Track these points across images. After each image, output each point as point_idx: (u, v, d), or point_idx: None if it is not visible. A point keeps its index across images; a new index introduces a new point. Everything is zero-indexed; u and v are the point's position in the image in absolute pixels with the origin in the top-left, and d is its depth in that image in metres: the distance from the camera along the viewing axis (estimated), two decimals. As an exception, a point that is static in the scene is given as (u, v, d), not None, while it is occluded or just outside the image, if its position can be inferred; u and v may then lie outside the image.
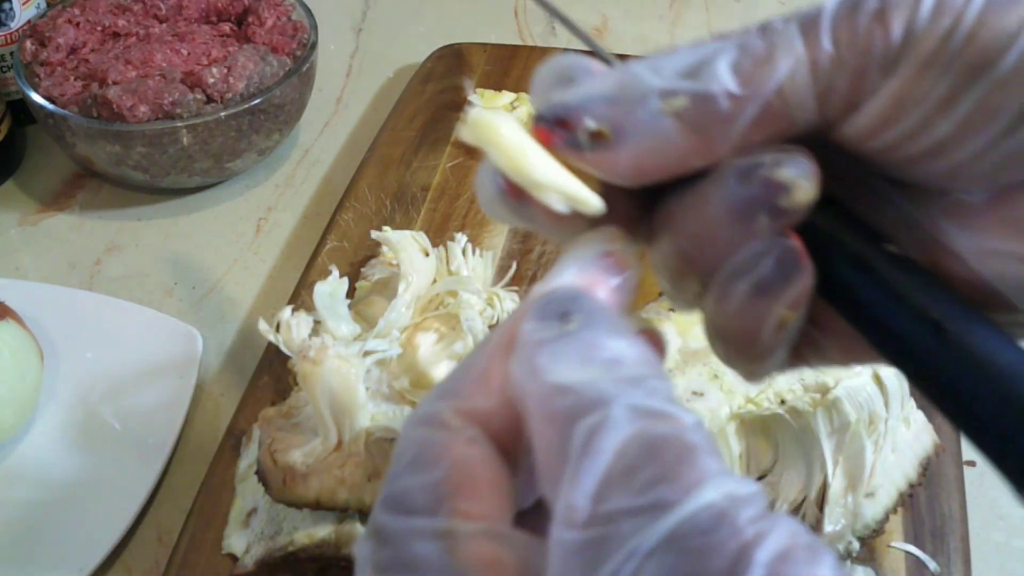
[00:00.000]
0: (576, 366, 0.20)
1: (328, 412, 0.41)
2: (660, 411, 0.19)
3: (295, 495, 0.41)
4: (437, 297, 0.48)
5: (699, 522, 0.18)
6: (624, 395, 0.20)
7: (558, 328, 0.21)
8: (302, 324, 0.43)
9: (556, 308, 0.22)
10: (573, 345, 0.21)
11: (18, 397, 0.51)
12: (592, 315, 0.22)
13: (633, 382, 0.20)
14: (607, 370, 0.20)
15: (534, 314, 0.22)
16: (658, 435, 0.19)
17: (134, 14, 0.71)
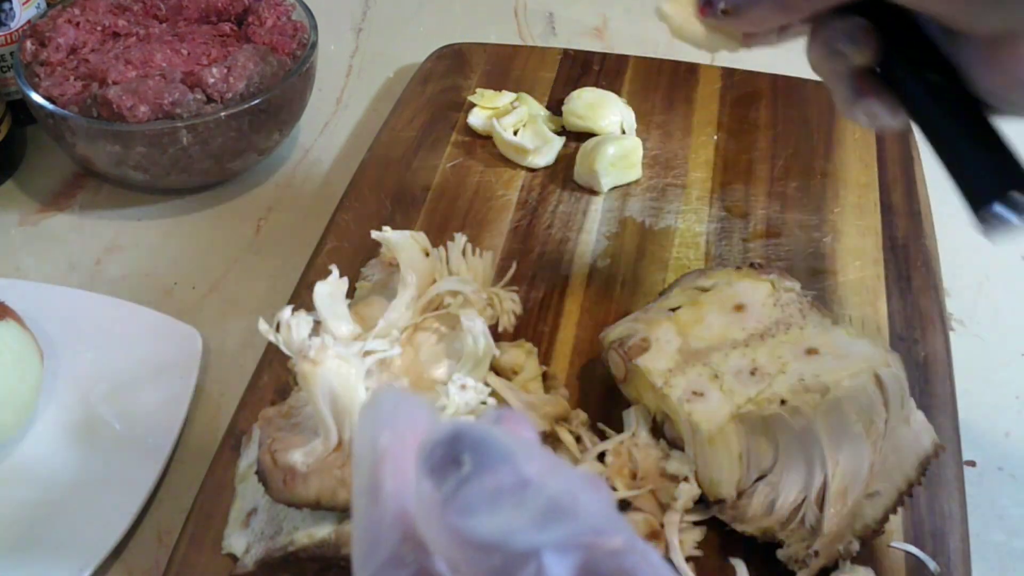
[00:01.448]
0: (487, 514, 0.19)
1: (328, 412, 0.41)
2: (587, 543, 0.19)
3: (295, 495, 0.41)
4: (437, 297, 0.48)
5: None
6: (546, 532, 0.19)
7: (455, 477, 0.20)
8: (302, 324, 0.43)
9: (444, 455, 0.20)
10: (475, 491, 0.20)
11: (18, 397, 0.51)
12: (480, 446, 0.20)
13: (551, 512, 0.19)
14: (518, 504, 0.19)
15: (425, 470, 0.20)
16: (601, 567, 0.19)
17: (134, 14, 0.71)
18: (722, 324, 0.48)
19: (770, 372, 0.45)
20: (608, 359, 0.51)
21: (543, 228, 0.63)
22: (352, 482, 0.23)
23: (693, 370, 0.46)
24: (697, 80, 0.75)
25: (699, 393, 0.45)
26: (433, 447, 0.21)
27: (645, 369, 0.47)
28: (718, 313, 0.48)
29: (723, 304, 0.49)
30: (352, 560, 0.22)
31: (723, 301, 0.49)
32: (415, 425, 0.22)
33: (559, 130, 0.70)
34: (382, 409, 0.23)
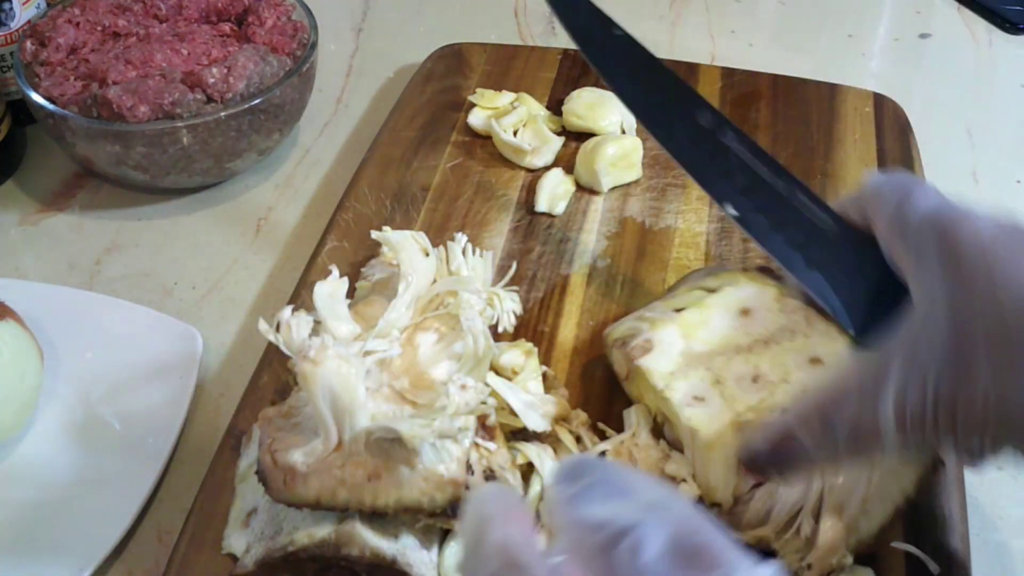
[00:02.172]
0: (600, 504, 0.26)
1: (328, 412, 0.41)
2: (676, 522, 0.25)
3: (295, 495, 0.41)
4: (437, 297, 0.48)
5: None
6: (649, 516, 0.25)
7: (578, 483, 0.27)
8: (302, 324, 0.43)
9: (573, 472, 0.27)
10: (594, 490, 0.26)
11: (18, 397, 0.51)
12: (600, 467, 0.27)
13: (651, 504, 0.25)
14: (627, 499, 0.26)
15: (559, 480, 0.27)
16: (689, 541, 0.24)
17: (134, 14, 0.71)
18: (727, 328, 0.47)
19: (772, 380, 0.45)
20: (611, 357, 0.50)
21: (543, 228, 0.63)
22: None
23: (695, 374, 0.46)
24: (697, 80, 0.75)
25: (700, 398, 0.45)
26: (568, 463, 0.28)
27: (647, 370, 0.47)
28: (723, 316, 0.48)
29: (729, 307, 0.48)
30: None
31: (729, 304, 0.49)
32: (511, 502, 0.29)
33: (559, 130, 0.70)
34: (486, 497, 0.29)
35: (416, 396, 0.44)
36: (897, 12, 0.93)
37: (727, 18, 0.91)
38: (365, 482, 0.40)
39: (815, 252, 0.46)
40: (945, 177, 0.70)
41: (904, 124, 0.71)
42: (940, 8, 0.93)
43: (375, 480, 0.40)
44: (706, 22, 0.90)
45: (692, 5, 0.92)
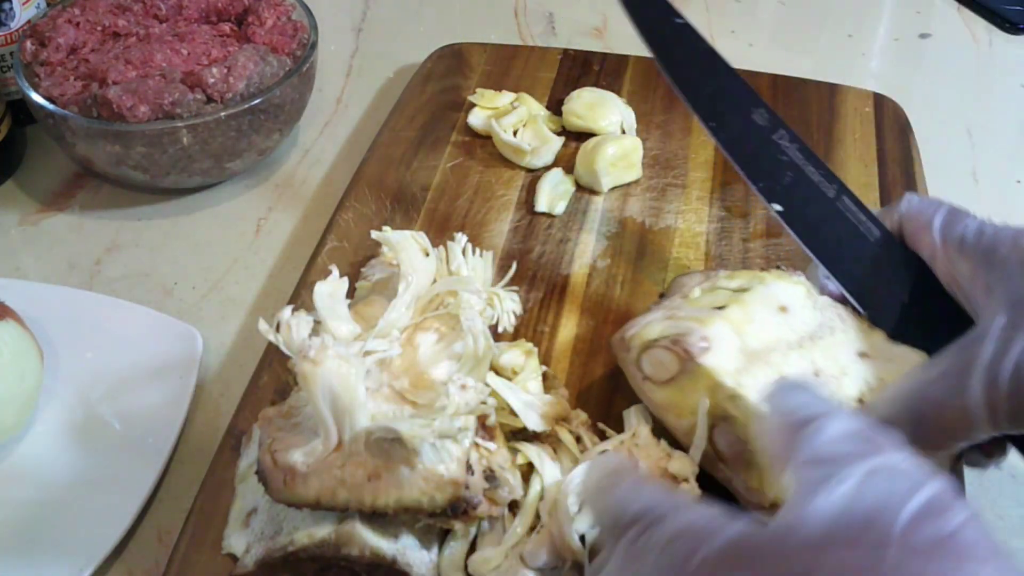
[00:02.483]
0: (796, 395, 0.33)
1: (328, 412, 0.41)
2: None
3: (295, 495, 0.41)
4: (437, 297, 0.48)
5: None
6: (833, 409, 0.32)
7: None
8: (302, 324, 0.43)
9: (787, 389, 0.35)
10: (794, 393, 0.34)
11: (18, 397, 0.51)
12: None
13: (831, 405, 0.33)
14: (817, 396, 0.33)
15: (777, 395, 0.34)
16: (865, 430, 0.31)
17: (134, 14, 0.71)
18: (772, 325, 0.46)
19: (834, 374, 0.45)
20: (634, 360, 0.48)
21: (543, 228, 0.63)
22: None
23: (760, 371, 0.44)
24: (697, 80, 0.75)
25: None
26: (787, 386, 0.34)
27: (713, 369, 0.44)
28: (765, 313, 0.47)
29: (767, 304, 0.47)
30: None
31: (767, 301, 0.47)
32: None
33: (559, 130, 0.70)
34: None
35: (416, 396, 0.44)
36: (897, 12, 0.93)
37: (727, 18, 0.91)
38: (365, 482, 0.40)
39: (855, 254, 0.47)
40: (945, 177, 0.70)
41: (904, 124, 0.71)
42: (940, 8, 0.93)
43: (375, 480, 0.40)
44: (706, 22, 0.90)
45: (692, 5, 0.92)
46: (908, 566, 0.25)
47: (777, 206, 0.48)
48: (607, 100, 0.70)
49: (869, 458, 0.29)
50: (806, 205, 0.48)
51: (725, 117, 0.50)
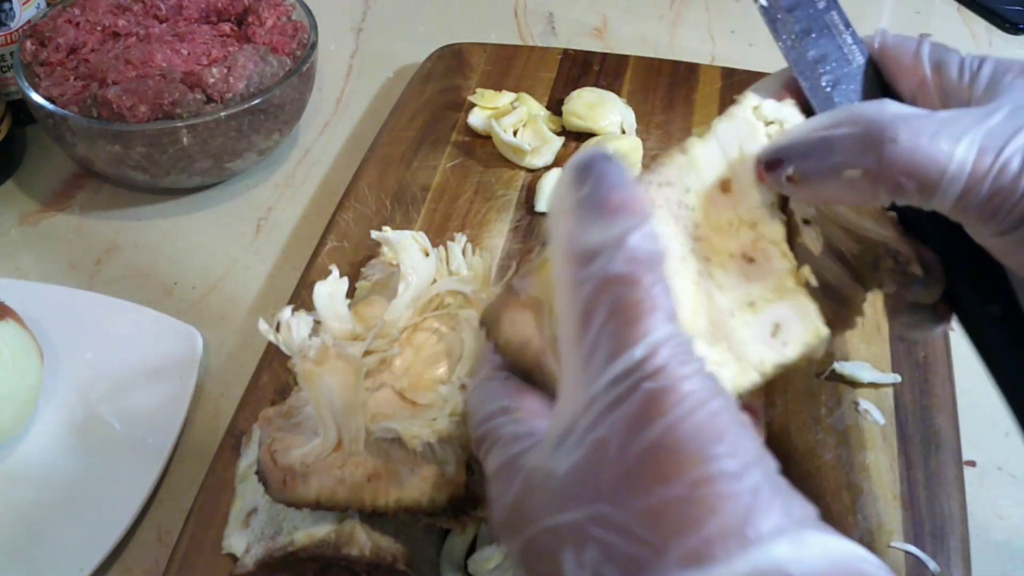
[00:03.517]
0: (589, 218, 0.27)
1: (328, 412, 0.41)
2: (634, 269, 0.26)
3: (295, 495, 0.41)
4: (437, 297, 0.48)
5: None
6: (620, 243, 0.26)
7: (577, 189, 0.27)
8: (302, 324, 0.43)
9: (576, 176, 0.28)
10: (587, 202, 0.27)
11: (18, 397, 0.51)
12: (600, 176, 0.27)
13: (628, 226, 0.26)
14: (609, 220, 0.26)
15: (563, 181, 0.28)
16: (625, 294, 0.26)
17: (134, 14, 0.71)
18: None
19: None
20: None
21: (543, 228, 0.63)
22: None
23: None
24: (697, 80, 0.75)
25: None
26: (575, 162, 0.28)
27: None
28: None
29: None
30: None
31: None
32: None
33: (559, 130, 0.70)
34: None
35: (416, 396, 0.44)
36: (897, 12, 0.93)
37: (727, 18, 0.91)
38: (365, 482, 0.40)
39: (833, 73, 0.42)
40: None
41: (904, 124, 0.71)
42: (940, 8, 0.93)
43: (375, 480, 0.40)
44: (706, 22, 0.90)
45: (692, 5, 0.92)
46: (619, 499, 0.24)
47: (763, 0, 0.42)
48: (607, 100, 0.70)
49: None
50: (793, 7, 0.43)
51: None
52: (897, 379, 0.53)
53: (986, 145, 0.30)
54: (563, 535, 0.25)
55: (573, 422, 0.26)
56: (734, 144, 0.35)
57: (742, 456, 0.24)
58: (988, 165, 0.30)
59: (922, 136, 0.31)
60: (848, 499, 0.48)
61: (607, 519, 0.24)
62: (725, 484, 0.24)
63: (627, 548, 0.24)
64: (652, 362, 0.25)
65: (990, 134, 0.31)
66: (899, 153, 0.31)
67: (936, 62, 0.37)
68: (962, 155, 0.30)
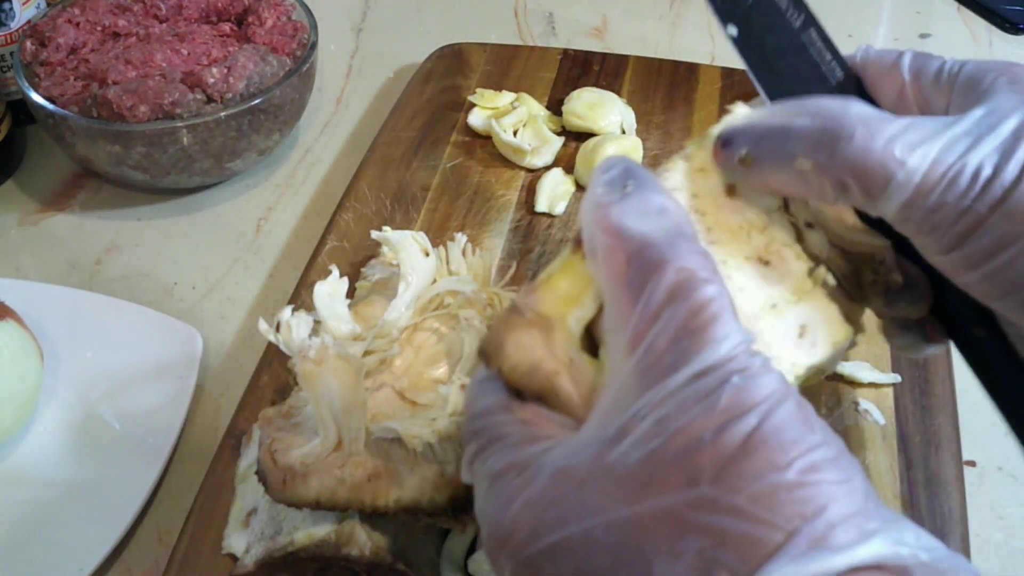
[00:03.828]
0: (637, 218, 0.29)
1: (328, 412, 0.41)
2: (696, 272, 0.27)
3: (295, 495, 0.41)
4: (437, 297, 0.48)
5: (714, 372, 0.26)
6: (672, 254, 0.27)
7: (620, 192, 0.29)
8: (302, 324, 0.43)
9: (618, 178, 0.30)
10: (633, 202, 0.29)
11: (18, 397, 0.51)
12: (642, 180, 0.30)
13: (678, 233, 0.28)
14: (658, 220, 0.28)
15: (602, 182, 0.30)
16: (694, 294, 0.27)
17: (134, 14, 0.71)
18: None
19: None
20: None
21: (543, 228, 0.63)
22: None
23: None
24: (697, 80, 0.75)
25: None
26: (611, 166, 0.31)
27: None
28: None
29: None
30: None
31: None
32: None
33: (559, 130, 0.70)
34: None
35: (416, 396, 0.44)
36: (897, 12, 0.93)
37: (727, 18, 0.91)
38: (365, 482, 0.40)
39: (809, 93, 0.39)
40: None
41: (904, 124, 0.71)
42: (940, 8, 0.93)
43: (375, 480, 0.40)
44: (706, 22, 0.90)
45: (692, 5, 0.92)
46: (725, 484, 0.25)
47: (732, 28, 0.40)
48: (607, 100, 0.70)
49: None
50: (765, 32, 0.40)
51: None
52: (897, 379, 0.53)
53: (941, 158, 0.30)
54: (646, 525, 0.25)
55: (638, 414, 0.26)
56: None
57: (836, 445, 0.25)
58: (938, 177, 0.29)
59: (878, 139, 0.30)
60: (848, 499, 0.48)
61: (715, 503, 0.24)
62: (832, 472, 0.24)
63: (746, 530, 0.24)
64: (738, 360, 0.26)
65: (947, 146, 0.30)
66: (851, 152, 0.30)
67: (916, 70, 0.36)
68: (914, 164, 0.30)
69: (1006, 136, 0.30)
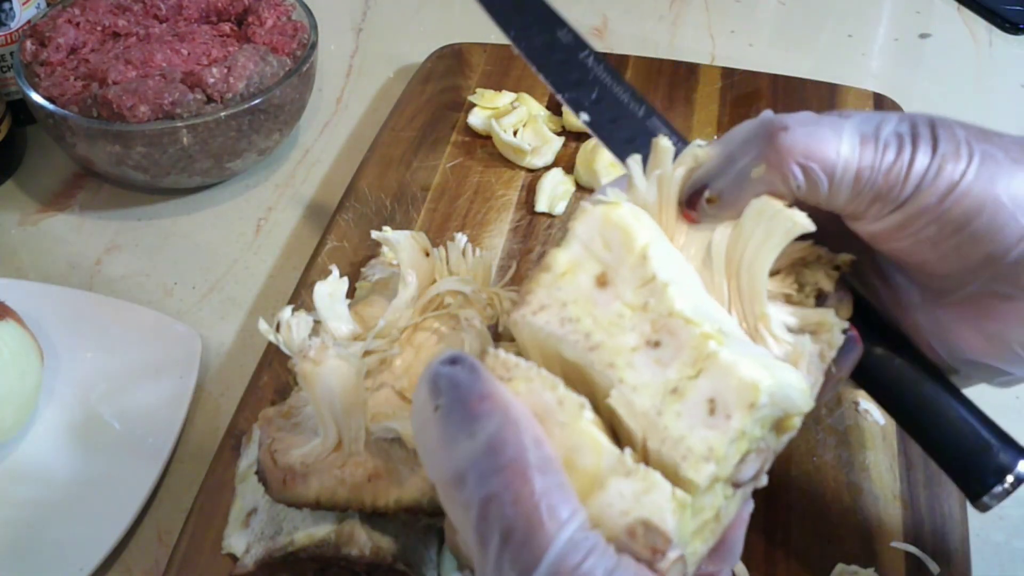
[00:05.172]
0: (447, 448, 0.27)
1: (328, 412, 0.41)
2: (507, 488, 0.26)
3: (295, 495, 0.41)
4: (437, 297, 0.48)
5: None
6: (483, 487, 0.26)
7: (431, 412, 0.28)
8: (302, 324, 0.43)
9: (429, 394, 0.28)
10: (441, 427, 0.28)
11: (18, 397, 0.51)
12: (455, 392, 0.28)
13: (491, 450, 0.27)
14: (473, 448, 0.27)
15: (418, 397, 0.29)
16: (507, 516, 0.26)
17: (134, 14, 0.71)
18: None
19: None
20: None
21: (543, 228, 0.63)
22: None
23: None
24: (697, 80, 0.75)
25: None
26: (427, 377, 0.28)
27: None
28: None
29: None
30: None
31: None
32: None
33: (559, 130, 0.70)
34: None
35: None
36: (897, 12, 0.93)
37: (727, 18, 0.91)
38: (365, 482, 0.40)
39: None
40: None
41: (904, 124, 0.71)
42: (940, 8, 0.93)
43: (375, 480, 0.40)
44: (706, 22, 0.90)
45: (692, 5, 0.92)
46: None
47: (585, 116, 0.45)
48: (607, 100, 0.70)
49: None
50: (615, 120, 0.45)
51: (530, 31, 0.47)
52: (897, 379, 0.53)
53: (865, 132, 0.32)
54: None
55: None
56: (595, 237, 0.33)
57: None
58: (872, 146, 0.32)
59: (808, 125, 0.33)
60: (848, 499, 0.48)
61: None
62: None
63: None
64: (568, 559, 0.25)
65: (861, 126, 0.33)
66: (794, 139, 0.32)
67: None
68: (849, 139, 0.32)
69: (897, 118, 0.33)
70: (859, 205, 0.33)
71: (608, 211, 0.33)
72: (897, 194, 0.33)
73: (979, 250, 0.33)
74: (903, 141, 0.33)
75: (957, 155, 0.32)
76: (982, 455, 0.36)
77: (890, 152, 0.32)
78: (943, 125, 0.33)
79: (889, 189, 0.33)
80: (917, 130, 0.33)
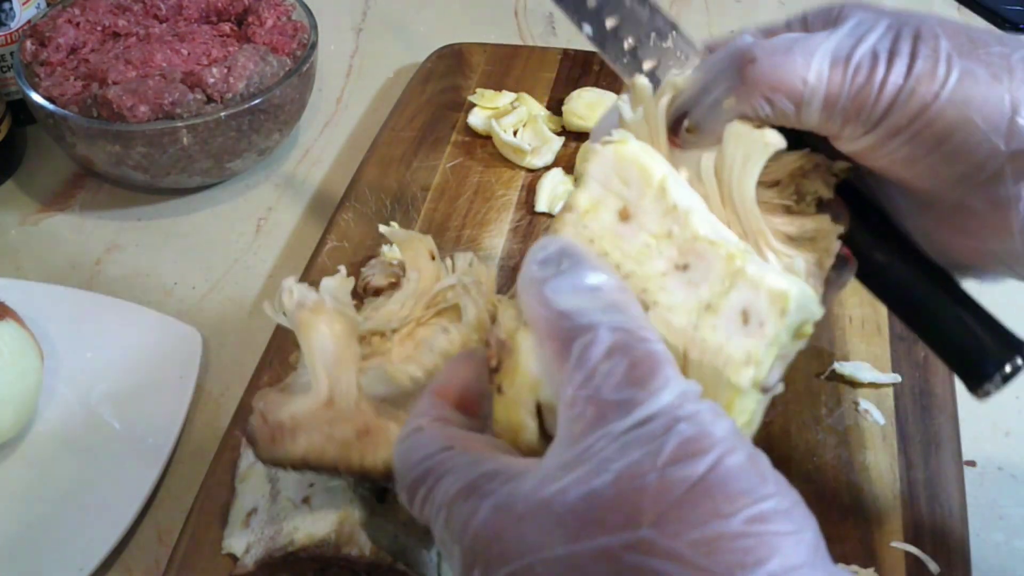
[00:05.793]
0: (571, 295, 0.29)
1: (320, 363, 0.39)
2: (633, 331, 0.28)
3: (283, 451, 0.39)
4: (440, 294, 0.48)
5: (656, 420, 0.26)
6: (607, 318, 0.28)
7: (555, 269, 0.30)
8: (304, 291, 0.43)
9: (553, 256, 0.30)
10: (567, 280, 0.29)
11: (18, 397, 0.51)
12: (576, 259, 0.30)
13: (611, 306, 0.28)
14: (591, 297, 0.29)
15: (537, 260, 0.30)
16: (633, 350, 0.27)
17: (134, 14, 0.71)
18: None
19: None
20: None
21: (543, 228, 0.63)
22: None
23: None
24: (697, 80, 0.75)
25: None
26: (546, 245, 0.30)
27: None
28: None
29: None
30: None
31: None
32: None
33: (559, 130, 0.70)
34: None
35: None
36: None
37: (727, 18, 0.91)
38: (354, 439, 0.39)
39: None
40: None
41: (904, 124, 0.71)
42: (940, 8, 0.93)
43: (364, 437, 0.39)
44: (706, 22, 0.90)
45: (692, 5, 0.92)
46: (666, 528, 0.24)
47: (588, 28, 0.46)
48: (607, 100, 0.70)
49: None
50: (619, 28, 0.46)
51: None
52: (897, 379, 0.53)
53: (837, 55, 0.32)
54: (581, 564, 0.25)
55: (580, 456, 0.26)
56: (611, 175, 0.34)
57: (790, 497, 0.25)
58: (842, 70, 0.32)
59: (776, 54, 0.33)
60: (848, 499, 0.48)
61: (652, 546, 0.24)
62: (780, 523, 0.24)
63: (681, 575, 0.24)
64: (685, 408, 0.26)
65: (837, 47, 0.33)
66: (760, 71, 0.33)
67: (764, 31, 0.39)
68: (818, 65, 0.32)
69: (883, 29, 0.33)
70: (832, 127, 0.33)
71: (619, 149, 0.34)
72: (868, 116, 0.32)
73: (953, 170, 0.33)
74: (877, 60, 0.32)
75: (933, 75, 0.32)
76: (982, 346, 0.36)
77: (861, 75, 0.32)
78: (926, 38, 0.32)
79: (858, 112, 0.32)
80: (897, 46, 0.32)
